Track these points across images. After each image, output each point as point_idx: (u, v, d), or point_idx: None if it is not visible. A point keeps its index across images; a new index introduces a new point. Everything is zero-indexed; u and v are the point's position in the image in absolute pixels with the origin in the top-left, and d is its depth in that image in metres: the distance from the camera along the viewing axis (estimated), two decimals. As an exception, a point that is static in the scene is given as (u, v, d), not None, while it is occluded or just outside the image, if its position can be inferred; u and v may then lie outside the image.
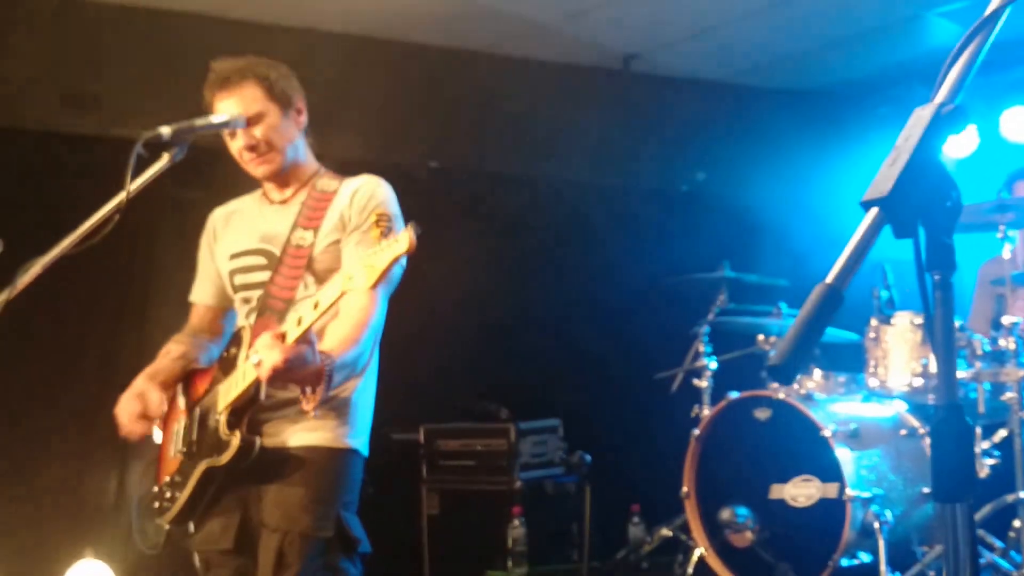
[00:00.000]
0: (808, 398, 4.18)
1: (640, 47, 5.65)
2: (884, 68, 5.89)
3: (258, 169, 2.70)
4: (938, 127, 1.26)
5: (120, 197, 2.42)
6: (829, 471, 3.89)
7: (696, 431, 4.29)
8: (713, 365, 4.81)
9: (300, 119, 2.74)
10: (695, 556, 4.24)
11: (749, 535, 4.01)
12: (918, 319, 3.99)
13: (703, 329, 4.90)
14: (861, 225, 1.23)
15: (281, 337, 2.31)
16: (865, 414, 4.21)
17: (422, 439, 5.24)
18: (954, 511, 1.22)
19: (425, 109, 5.42)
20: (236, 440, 2.51)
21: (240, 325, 2.72)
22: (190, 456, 2.61)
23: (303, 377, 2.35)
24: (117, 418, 2.66)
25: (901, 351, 4.01)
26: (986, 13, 1.34)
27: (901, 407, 4.26)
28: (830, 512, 3.86)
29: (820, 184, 5.82)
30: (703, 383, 4.79)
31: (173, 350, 2.81)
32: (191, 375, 2.78)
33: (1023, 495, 3.86)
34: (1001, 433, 4.03)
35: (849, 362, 4.37)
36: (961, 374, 3.92)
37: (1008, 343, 3.90)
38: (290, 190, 2.76)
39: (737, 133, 6.08)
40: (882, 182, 1.23)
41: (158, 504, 2.66)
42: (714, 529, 4.14)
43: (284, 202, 2.75)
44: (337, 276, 2.30)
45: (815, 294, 1.20)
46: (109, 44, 4.73)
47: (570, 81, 5.79)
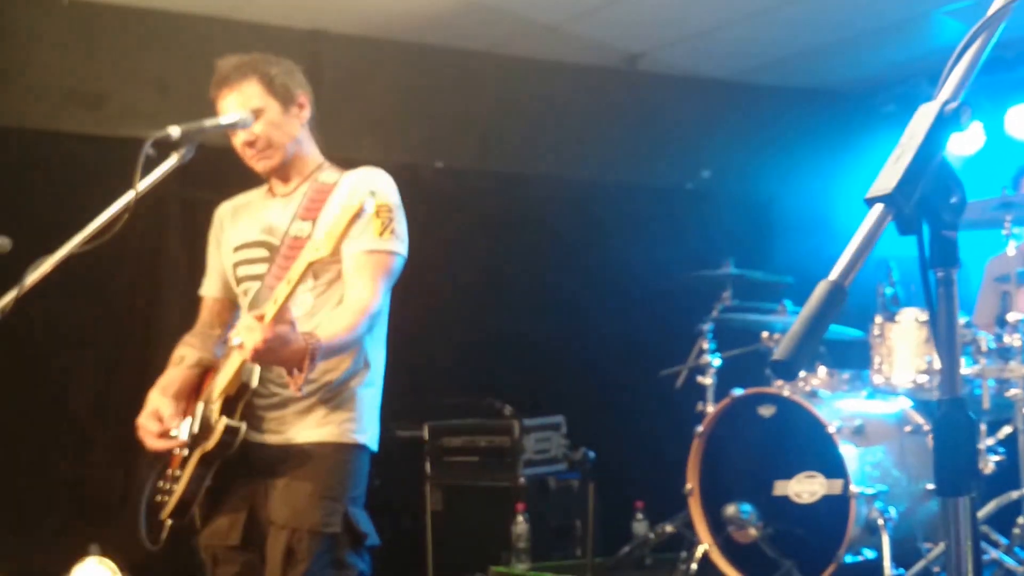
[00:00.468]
0: (813, 395, 4.18)
1: (646, 46, 5.66)
2: (890, 66, 5.90)
3: (258, 165, 2.72)
4: (942, 124, 1.27)
5: (129, 196, 2.44)
6: (833, 467, 3.90)
7: (700, 428, 4.30)
8: (717, 362, 4.81)
9: (303, 114, 2.75)
10: (699, 552, 4.25)
11: (753, 532, 4.02)
12: (923, 316, 3.99)
13: (707, 326, 4.90)
14: (865, 222, 1.24)
15: (261, 318, 2.33)
16: (870, 411, 4.21)
17: (426, 436, 5.25)
18: (956, 505, 1.24)
19: (431, 109, 5.44)
20: (221, 425, 2.51)
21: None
22: (190, 449, 2.62)
23: (287, 357, 2.35)
24: (141, 440, 2.67)
25: (906, 348, 4.01)
26: (990, 12, 1.35)
27: (906, 404, 4.26)
28: (834, 508, 3.86)
29: (825, 182, 5.82)
30: (707, 380, 4.79)
31: (188, 356, 2.80)
32: (206, 372, 2.79)
33: (1027, 492, 3.88)
34: (1006, 430, 4.04)
35: (854, 359, 4.38)
36: (966, 371, 3.92)
37: (1013, 340, 3.90)
38: (293, 183, 2.77)
39: (742, 131, 6.09)
40: (886, 179, 1.24)
41: (159, 498, 2.67)
42: (718, 526, 4.15)
43: (287, 195, 2.76)
44: (304, 249, 2.35)
45: (819, 290, 1.21)
46: (118, 44, 4.75)
47: (576, 80, 5.80)
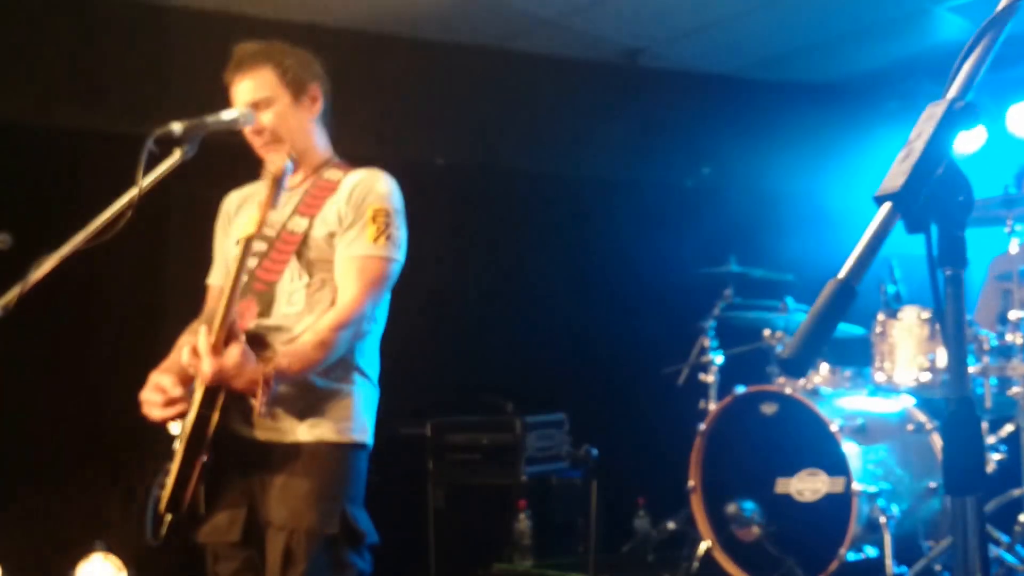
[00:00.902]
0: (815, 393, 4.19)
1: (646, 41, 5.65)
2: (892, 62, 5.89)
3: (265, 156, 2.71)
4: (950, 123, 1.27)
5: (132, 193, 2.43)
6: (835, 465, 3.90)
7: (702, 425, 4.30)
8: (719, 360, 4.82)
9: (314, 107, 2.74)
10: (701, 550, 4.25)
11: (755, 529, 4.02)
12: (925, 314, 3.99)
13: (709, 324, 4.90)
14: (874, 220, 1.24)
15: (211, 347, 2.39)
16: (872, 409, 4.21)
17: (429, 433, 5.25)
18: (964, 504, 1.24)
19: (432, 105, 5.43)
20: (191, 416, 2.50)
21: None
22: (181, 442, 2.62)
23: (241, 385, 2.41)
24: (145, 413, 2.65)
25: (908, 346, 4.01)
26: (997, 10, 1.35)
27: (908, 402, 4.26)
28: (836, 506, 3.86)
29: (827, 178, 5.82)
30: (709, 378, 4.80)
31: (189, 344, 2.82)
32: None
33: (1029, 489, 3.88)
34: (1008, 428, 4.04)
35: (856, 356, 4.37)
36: (968, 369, 3.91)
37: (1015, 338, 3.90)
38: (299, 177, 2.76)
39: (743, 127, 6.08)
40: (895, 177, 1.24)
41: (157, 492, 2.67)
42: (720, 523, 4.15)
43: (291, 188, 2.74)
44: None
45: (828, 289, 1.21)
46: (120, 39, 4.73)
47: (576, 76, 5.79)
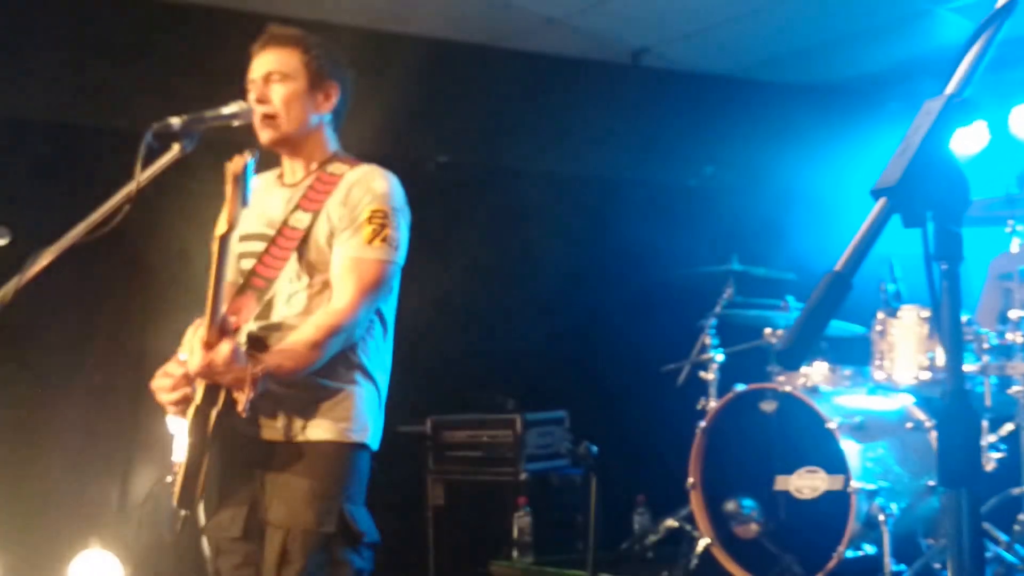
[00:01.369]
0: (814, 391, 4.18)
1: (650, 41, 5.66)
2: (894, 63, 5.89)
3: (261, 132, 2.67)
4: (947, 119, 1.28)
5: (130, 188, 2.43)
6: (835, 463, 3.90)
7: (702, 423, 4.30)
8: (720, 358, 4.82)
9: (325, 103, 2.72)
10: (700, 547, 4.25)
11: (754, 526, 4.02)
12: (925, 313, 3.99)
13: (710, 322, 4.90)
14: (870, 214, 1.25)
15: (204, 342, 2.38)
16: (871, 407, 4.21)
17: (429, 430, 5.26)
18: (959, 497, 1.24)
19: (434, 103, 5.43)
20: (191, 413, 2.51)
21: None
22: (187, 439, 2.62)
23: (229, 381, 2.41)
24: (158, 401, 2.64)
25: (908, 344, 4.01)
26: (996, 7, 1.35)
27: (907, 400, 4.27)
28: (835, 504, 3.86)
29: (829, 178, 5.81)
30: (710, 376, 4.80)
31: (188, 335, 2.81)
32: None
33: (1028, 488, 3.88)
34: (1008, 427, 4.04)
35: (855, 355, 4.38)
36: (968, 368, 3.92)
37: (1015, 337, 3.90)
38: (301, 173, 2.74)
39: (746, 127, 6.08)
40: (891, 172, 1.25)
41: (171, 489, 2.68)
42: (719, 520, 4.15)
43: (293, 185, 2.74)
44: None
45: (824, 281, 1.22)
46: (120, 36, 4.74)
47: (580, 75, 5.80)
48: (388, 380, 2.75)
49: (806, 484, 3.97)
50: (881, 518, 3.81)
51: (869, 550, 3.89)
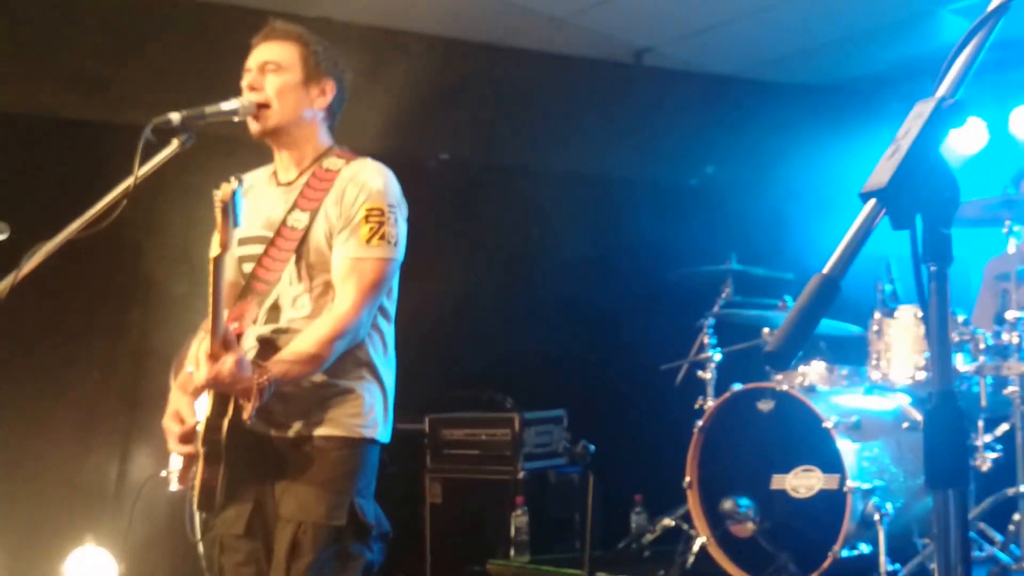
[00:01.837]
0: (811, 390, 4.19)
1: (652, 41, 5.66)
2: (896, 64, 5.89)
3: (250, 122, 2.67)
4: (938, 121, 1.28)
5: (128, 182, 2.43)
6: (830, 462, 3.90)
7: (699, 422, 4.31)
8: (717, 357, 4.82)
9: (320, 99, 2.72)
10: (696, 546, 4.26)
11: (751, 525, 4.03)
12: (921, 313, 3.98)
13: (708, 321, 4.91)
14: (859, 216, 1.25)
15: (210, 355, 2.41)
16: (867, 406, 4.22)
17: (427, 428, 5.26)
18: (947, 497, 1.24)
19: (436, 101, 5.43)
20: (205, 421, 2.53)
21: None
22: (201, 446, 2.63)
23: (238, 391, 2.45)
24: (166, 439, 2.67)
25: (904, 344, 4.02)
26: (989, 9, 1.36)
27: (903, 400, 4.27)
28: (831, 503, 3.87)
29: (829, 179, 5.81)
30: (707, 375, 4.81)
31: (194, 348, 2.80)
32: None
33: (1023, 489, 3.88)
34: (1003, 427, 4.05)
35: (852, 355, 4.38)
36: (964, 368, 3.93)
37: (1011, 338, 3.91)
38: (296, 171, 2.74)
39: (747, 127, 6.09)
40: (881, 173, 1.25)
41: (190, 493, 2.68)
42: (716, 519, 4.16)
43: (289, 184, 2.74)
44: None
45: (812, 284, 1.22)
46: (118, 29, 4.74)
47: (581, 74, 5.80)
48: (395, 374, 2.76)
49: (802, 483, 3.98)
50: (876, 517, 3.81)
51: (864, 549, 3.90)
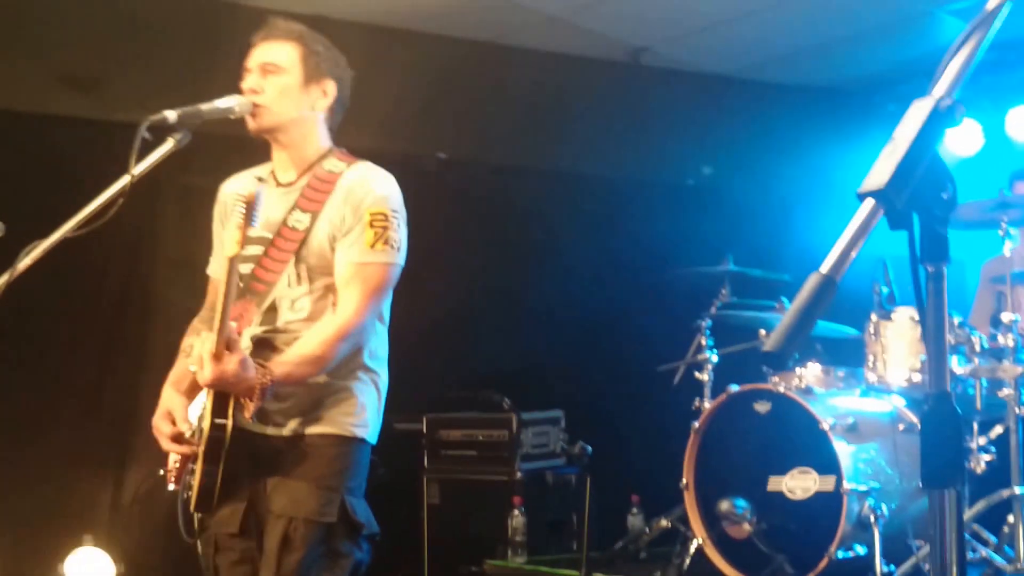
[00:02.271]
0: (807, 392, 4.20)
1: (650, 40, 5.66)
2: (893, 65, 5.89)
3: (249, 120, 2.67)
4: (935, 120, 1.28)
5: (124, 181, 2.42)
6: (827, 464, 3.91)
7: (696, 423, 4.31)
8: (715, 358, 4.82)
9: (320, 101, 2.72)
10: (693, 547, 4.26)
11: (747, 527, 4.03)
12: (918, 315, 3.99)
13: (705, 322, 4.91)
14: (856, 216, 1.25)
15: (213, 354, 2.41)
16: (863, 408, 4.22)
17: (424, 428, 5.26)
18: (943, 498, 1.24)
19: (434, 100, 5.43)
20: (206, 424, 2.52)
21: None
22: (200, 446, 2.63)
23: (240, 391, 2.46)
24: (157, 440, 2.67)
25: (900, 347, 4.02)
26: (986, 9, 1.36)
27: (899, 402, 4.27)
28: (827, 505, 3.87)
29: (826, 180, 5.82)
30: (704, 376, 4.80)
31: (196, 345, 2.75)
32: None
33: (1018, 491, 3.88)
34: (997, 429, 4.05)
35: (849, 356, 4.39)
36: (959, 370, 3.93)
37: (1007, 340, 3.91)
38: (295, 172, 2.73)
39: (744, 128, 6.09)
40: (878, 173, 1.25)
41: (187, 494, 2.68)
42: (712, 520, 4.16)
43: (289, 185, 2.73)
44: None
45: (809, 282, 1.21)
46: (114, 26, 4.73)
47: (579, 73, 5.79)
48: (388, 375, 2.77)
49: (798, 485, 3.98)
50: (872, 519, 3.82)
51: (860, 551, 3.90)
